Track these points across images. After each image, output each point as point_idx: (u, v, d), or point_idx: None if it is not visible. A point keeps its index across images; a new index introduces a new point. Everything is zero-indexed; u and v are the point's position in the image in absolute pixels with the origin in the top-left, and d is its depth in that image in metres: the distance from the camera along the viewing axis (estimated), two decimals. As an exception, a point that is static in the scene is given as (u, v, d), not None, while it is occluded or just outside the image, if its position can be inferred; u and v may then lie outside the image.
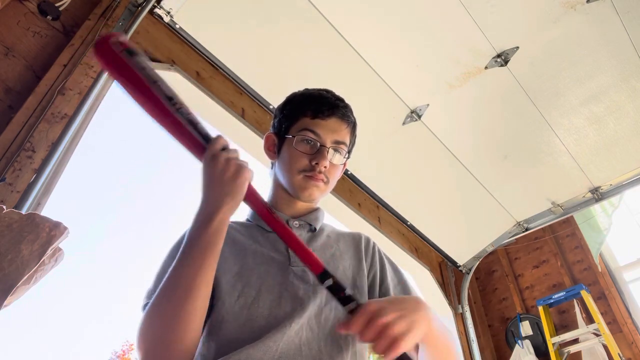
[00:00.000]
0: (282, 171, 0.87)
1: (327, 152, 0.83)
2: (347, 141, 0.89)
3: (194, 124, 0.67)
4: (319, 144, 0.84)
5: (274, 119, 0.95)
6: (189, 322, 0.62)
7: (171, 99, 0.65)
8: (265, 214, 0.68)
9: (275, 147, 0.91)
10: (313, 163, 0.82)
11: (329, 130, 0.85)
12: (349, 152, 0.92)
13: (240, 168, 0.64)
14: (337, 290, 0.63)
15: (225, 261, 0.77)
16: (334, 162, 0.85)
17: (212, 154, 0.65)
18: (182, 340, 0.62)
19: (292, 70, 2.16)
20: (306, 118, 0.86)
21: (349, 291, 0.63)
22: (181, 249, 0.64)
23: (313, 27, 2.06)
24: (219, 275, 0.75)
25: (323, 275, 0.64)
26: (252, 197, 0.69)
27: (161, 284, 0.64)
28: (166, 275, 0.64)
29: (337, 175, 0.88)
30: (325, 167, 0.83)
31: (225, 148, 0.66)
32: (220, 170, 0.64)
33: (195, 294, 0.62)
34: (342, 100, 0.90)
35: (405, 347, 0.56)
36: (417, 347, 0.70)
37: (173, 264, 0.64)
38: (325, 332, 0.71)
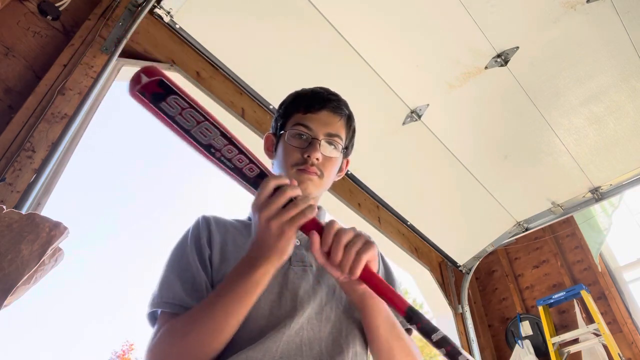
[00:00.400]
0: (278, 168, 0.87)
1: (319, 144, 0.83)
2: (342, 134, 0.88)
3: (239, 170, 0.63)
4: (311, 137, 0.84)
5: (272, 120, 0.95)
6: (210, 354, 0.64)
7: (210, 147, 0.62)
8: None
9: (273, 147, 0.91)
10: (305, 156, 0.82)
11: (321, 123, 0.85)
12: (347, 147, 0.91)
13: (283, 227, 0.60)
14: (427, 333, 0.58)
15: (226, 262, 0.77)
16: (328, 155, 0.84)
17: (256, 205, 0.62)
18: None
19: (292, 70, 2.16)
20: (298, 113, 0.87)
21: (440, 333, 0.58)
22: (221, 285, 0.65)
23: (313, 28, 2.06)
24: (220, 275, 0.75)
25: (408, 316, 0.60)
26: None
27: (192, 313, 0.66)
28: (199, 306, 0.66)
29: (333, 169, 0.87)
30: (317, 159, 0.81)
31: (275, 192, 0.62)
32: (264, 228, 0.61)
33: (224, 332, 0.63)
34: (335, 94, 0.90)
35: (364, 261, 0.61)
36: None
37: (211, 297, 0.65)
38: (326, 332, 0.71)
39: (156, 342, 0.66)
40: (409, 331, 0.80)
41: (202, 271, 0.75)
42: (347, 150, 0.92)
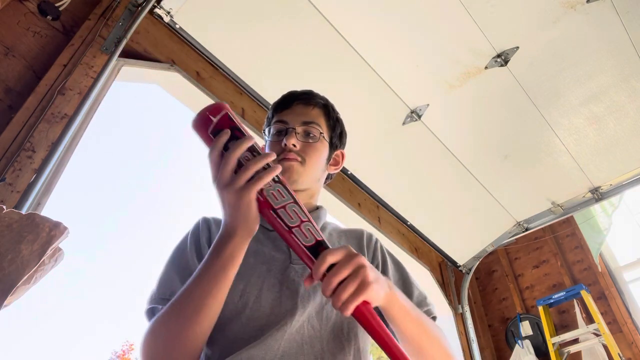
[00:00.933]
0: None
1: (295, 132, 0.85)
2: (320, 122, 0.90)
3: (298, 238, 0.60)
4: (287, 128, 0.87)
5: (262, 132, 1.00)
6: (194, 340, 0.63)
7: (273, 209, 0.59)
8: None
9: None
10: (282, 144, 0.84)
11: (295, 114, 0.89)
12: (332, 137, 0.92)
13: (240, 194, 0.57)
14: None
15: None
16: (305, 140, 0.86)
17: (213, 180, 0.60)
18: (186, 356, 0.63)
19: (292, 70, 2.16)
20: (276, 114, 0.92)
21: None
22: (197, 269, 0.65)
23: (313, 28, 2.06)
24: None
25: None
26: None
27: (172, 300, 0.65)
28: (178, 293, 0.65)
29: (315, 155, 0.86)
30: (294, 145, 0.84)
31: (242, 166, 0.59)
32: (222, 201, 0.60)
33: (204, 314, 0.63)
34: (309, 91, 0.94)
35: (353, 308, 0.56)
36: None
37: (187, 282, 0.65)
38: (327, 330, 0.71)
39: (144, 335, 0.66)
40: (434, 318, 0.81)
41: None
42: (332, 140, 0.92)
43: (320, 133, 0.88)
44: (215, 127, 0.59)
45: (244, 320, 0.70)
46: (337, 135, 0.95)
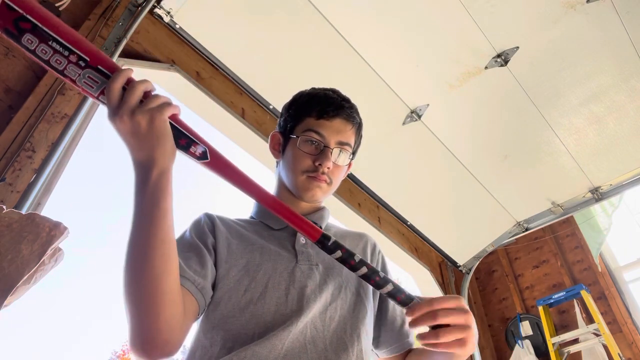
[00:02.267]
0: (286, 171, 0.86)
1: (331, 153, 0.82)
2: (352, 142, 0.88)
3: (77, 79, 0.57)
4: (323, 145, 0.83)
5: (280, 117, 0.94)
6: (158, 286, 0.58)
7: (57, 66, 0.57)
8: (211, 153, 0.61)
9: (280, 147, 0.90)
10: (316, 164, 0.81)
11: (334, 131, 0.84)
12: (354, 152, 0.92)
13: (152, 114, 0.56)
14: (348, 257, 0.64)
15: (233, 255, 0.76)
16: (338, 163, 0.85)
17: (111, 112, 0.57)
18: (159, 308, 0.59)
19: (292, 70, 2.16)
20: (311, 118, 0.85)
21: (358, 257, 0.64)
22: (132, 216, 0.60)
23: (313, 28, 2.06)
24: (227, 267, 0.74)
25: (323, 239, 0.64)
26: (183, 138, 0.60)
27: (123, 262, 0.61)
28: (125, 250, 0.61)
29: (340, 176, 0.88)
30: (328, 168, 0.82)
31: (126, 89, 0.57)
32: (129, 129, 0.56)
33: (153, 257, 0.58)
34: (347, 100, 0.89)
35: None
36: None
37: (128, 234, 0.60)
38: (330, 331, 0.72)
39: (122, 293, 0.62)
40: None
41: (205, 250, 0.74)
42: (353, 155, 0.92)
43: (350, 157, 0.88)
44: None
45: (247, 316, 0.70)
46: (357, 149, 0.94)
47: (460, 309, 0.62)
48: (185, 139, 0.61)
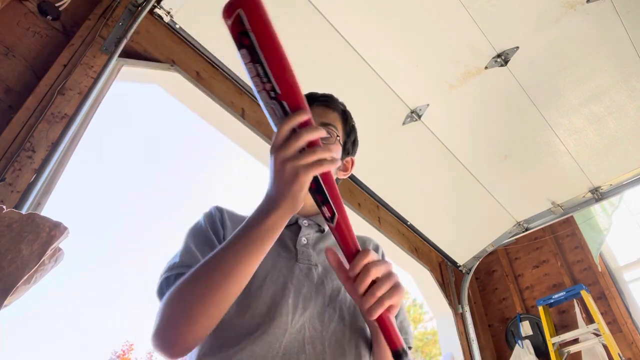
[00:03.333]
0: None
1: None
2: (337, 125, 0.89)
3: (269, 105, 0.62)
4: None
5: None
6: (218, 305, 0.62)
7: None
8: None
9: None
10: None
11: (314, 115, 0.86)
12: (346, 143, 0.92)
13: (298, 170, 0.57)
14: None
15: None
16: (323, 141, 0.84)
17: (272, 148, 0.60)
18: (206, 321, 0.63)
19: (292, 70, 2.16)
20: None
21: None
22: (233, 234, 0.64)
23: (313, 28, 2.06)
24: None
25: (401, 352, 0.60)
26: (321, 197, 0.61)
27: (200, 264, 0.64)
28: (207, 257, 0.64)
29: None
30: None
31: (295, 132, 0.59)
32: (277, 171, 0.59)
33: (232, 280, 0.62)
34: (329, 94, 0.93)
35: (385, 307, 0.59)
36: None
37: (217, 249, 0.64)
38: (329, 332, 0.72)
39: (165, 299, 0.65)
40: (409, 348, 0.83)
41: (217, 244, 0.76)
42: (346, 146, 0.92)
43: (337, 136, 0.88)
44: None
45: (243, 307, 0.70)
46: (351, 142, 0.95)
47: (376, 261, 0.61)
48: (321, 196, 0.61)
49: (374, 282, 0.59)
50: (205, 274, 0.63)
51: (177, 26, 1.98)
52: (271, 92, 0.59)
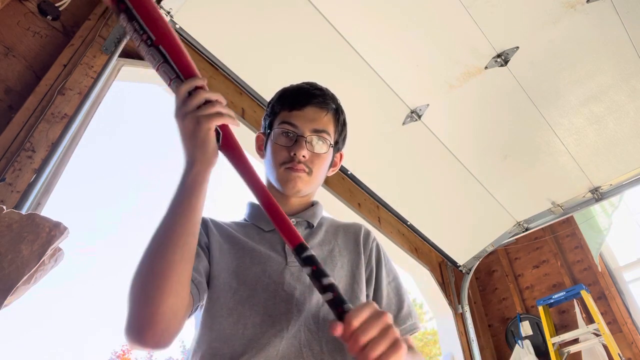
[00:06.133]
0: (268, 167, 0.87)
1: (306, 142, 0.82)
2: (330, 129, 0.86)
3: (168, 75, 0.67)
4: (297, 135, 0.83)
5: (262, 119, 0.95)
6: (168, 277, 0.60)
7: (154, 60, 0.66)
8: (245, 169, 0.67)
9: (264, 146, 0.91)
10: (292, 154, 0.81)
11: (307, 119, 0.84)
12: (338, 142, 0.91)
13: (199, 120, 0.62)
14: (318, 275, 0.59)
15: (224, 257, 0.77)
16: (316, 151, 0.84)
17: (174, 112, 0.64)
18: (162, 297, 0.60)
19: (292, 70, 2.16)
20: (284, 111, 0.86)
21: (328, 280, 0.59)
22: (167, 205, 0.65)
23: (313, 28, 2.06)
24: (219, 269, 0.76)
25: (299, 248, 0.61)
26: (230, 148, 0.67)
27: (147, 241, 0.64)
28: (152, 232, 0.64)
29: (322, 165, 0.86)
30: (303, 156, 0.81)
31: (190, 93, 0.64)
32: (181, 128, 0.63)
33: (172, 244, 0.61)
34: (320, 89, 0.89)
35: None
36: None
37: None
38: (324, 332, 0.71)
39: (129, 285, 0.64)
40: (417, 330, 0.82)
41: (200, 248, 0.76)
42: (337, 144, 0.91)
43: (330, 144, 0.86)
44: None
45: (235, 316, 0.70)
46: (342, 139, 0.93)
47: (374, 314, 0.55)
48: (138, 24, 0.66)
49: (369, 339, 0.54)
50: (151, 245, 0.62)
51: (177, 26, 1.98)
52: (148, 41, 0.64)
